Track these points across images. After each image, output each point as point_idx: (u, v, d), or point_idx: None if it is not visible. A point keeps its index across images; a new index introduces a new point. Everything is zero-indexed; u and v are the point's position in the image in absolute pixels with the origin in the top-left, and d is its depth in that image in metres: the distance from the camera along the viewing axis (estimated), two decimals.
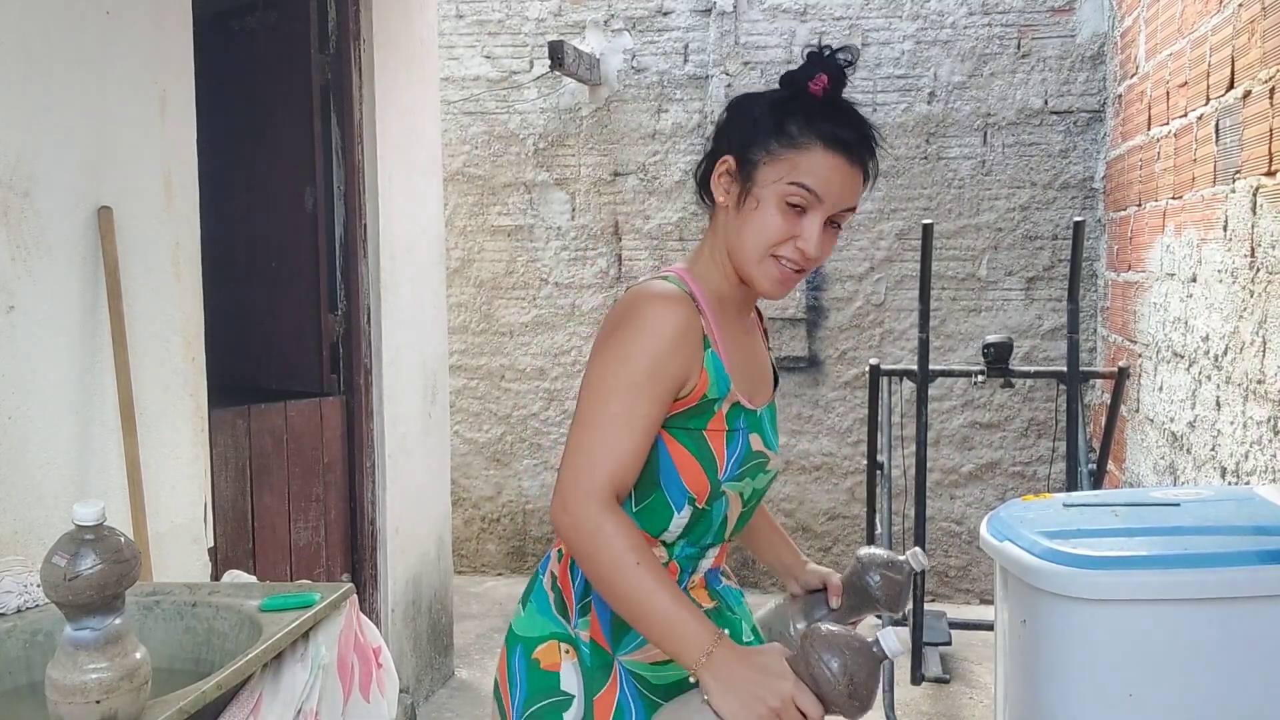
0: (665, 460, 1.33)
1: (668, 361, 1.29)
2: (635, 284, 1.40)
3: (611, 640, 1.34)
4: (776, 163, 1.32)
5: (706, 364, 1.33)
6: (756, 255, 1.35)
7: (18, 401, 2.02)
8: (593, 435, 1.28)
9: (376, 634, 1.87)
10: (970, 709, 3.68)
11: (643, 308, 1.31)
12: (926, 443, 3.68)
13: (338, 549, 3.39)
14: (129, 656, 1.29)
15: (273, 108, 3.41)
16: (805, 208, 1.32)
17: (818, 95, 1.33)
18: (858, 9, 4.79)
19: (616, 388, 1.29)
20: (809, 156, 1.31)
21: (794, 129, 1.32)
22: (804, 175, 1.31)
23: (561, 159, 5.13)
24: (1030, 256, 4.74)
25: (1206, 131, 2.94)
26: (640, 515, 1.34)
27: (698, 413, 1.33)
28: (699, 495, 1.34)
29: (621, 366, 1.29)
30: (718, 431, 1.34)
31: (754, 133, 1.35)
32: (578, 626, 1.36)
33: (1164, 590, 1.63)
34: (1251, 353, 2.53)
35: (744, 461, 1.37)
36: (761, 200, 1.34)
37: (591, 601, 1.35)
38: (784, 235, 1.33)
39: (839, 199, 1.33)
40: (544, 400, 5.23)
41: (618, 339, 1.31)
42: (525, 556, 5.30)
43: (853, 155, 1.33)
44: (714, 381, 1.33)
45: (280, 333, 3.45)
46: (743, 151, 1.35)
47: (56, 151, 2.12)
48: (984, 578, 4.83)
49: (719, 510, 1.38)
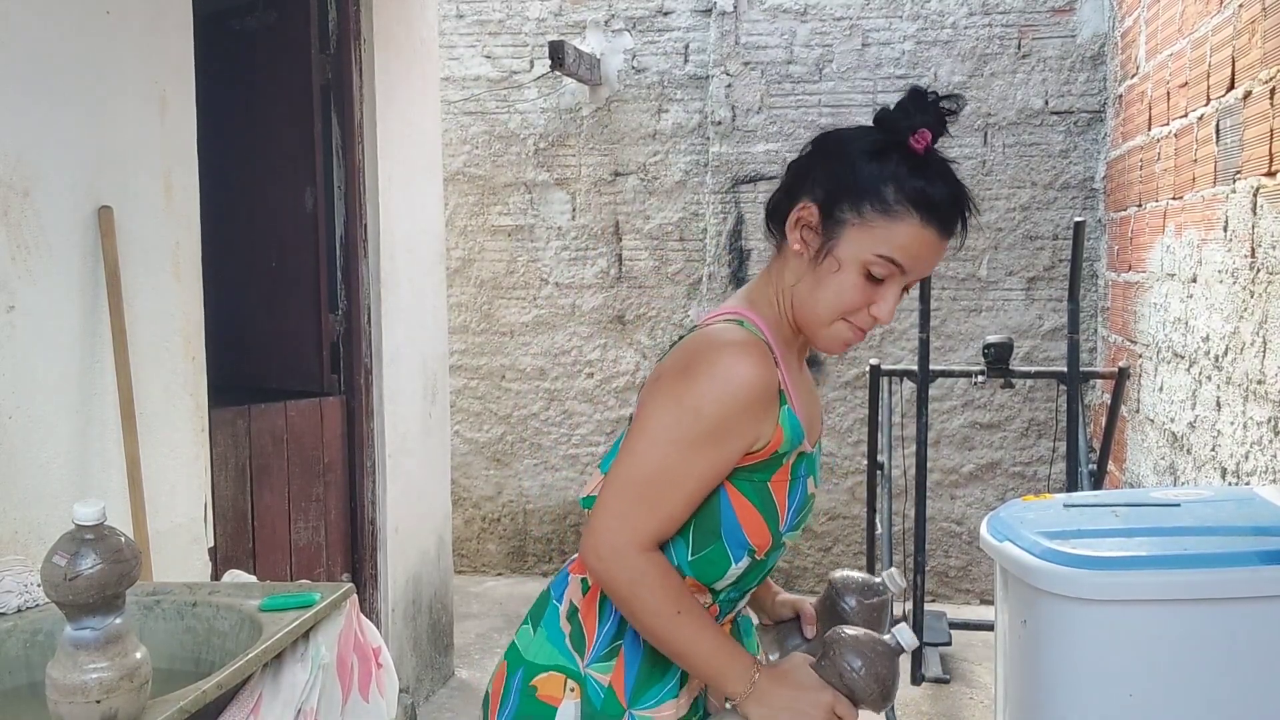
0: (727, 511, 1.27)
1: (739, 422, 1.22)
2: (707, 323, 1.31)
3: (631, 694, 1.28)
4: (866, 228, 1.23)
5: (782, 420, 1.26)
6: (828, 318, 1.28)
7: (18, 401, 2.02)
8: (643, 487, 1.22)
9: (376, 634, 1.87)
10: (970, 709, 3.68)
11: (721, 358, 1.22)
12: (927, 443, 3.68)
13: (338, 549, 3.39)
14: (129, 656, 1.29)
15: (273, 107, 3.41)
16: (888, 277, 1.25)
17: (919, 153, 1.24)
18: (858, 9, 4.79)
19: (678, 441, 1.21)
20: (902, 229, 1.23)
21: (889, 194, 1.22)
22: (894, 250, 1.23)
23: (562, 159, 5.13)
24: (1031, 257, 4.74)
25: (1207, 132, 2.94)
26: (696, 564, 1.28)
27: (766, 466, 1.27)
28: (760, 547, 1.29)
29: (689, 419, 1.21)
30: (781, 482, 1.29)
31: (844, 187, 1.25)
32: (593, 667, 1.29)
33: (1164, 591, 1.63)
34: (1252, 353, 2.53)
35: (801, 508, 1.32)
36: (843, 264, 1.25)
37: (622, 647, 1.29)
38: (862, 303, 1.26)
39: (923, 270, 1.28)
40: (544, 400, 5.22)
41: (688, 387, 1.22)
42: (525, 557, 5.30)
43: (947, 228, 1.25)
44: (788, 437, 1.27)
45: (280, 332, 3.45)
46: (829, 205, 1.25)
47: (57, 151, 2.12)
48: (984, 578, 4.83)
49: (773, 560, 1.35)
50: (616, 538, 1.21)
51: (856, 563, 4.89)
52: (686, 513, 1.25)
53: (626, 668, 1.29)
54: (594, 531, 1.23)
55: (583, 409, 5.18)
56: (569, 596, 1.35)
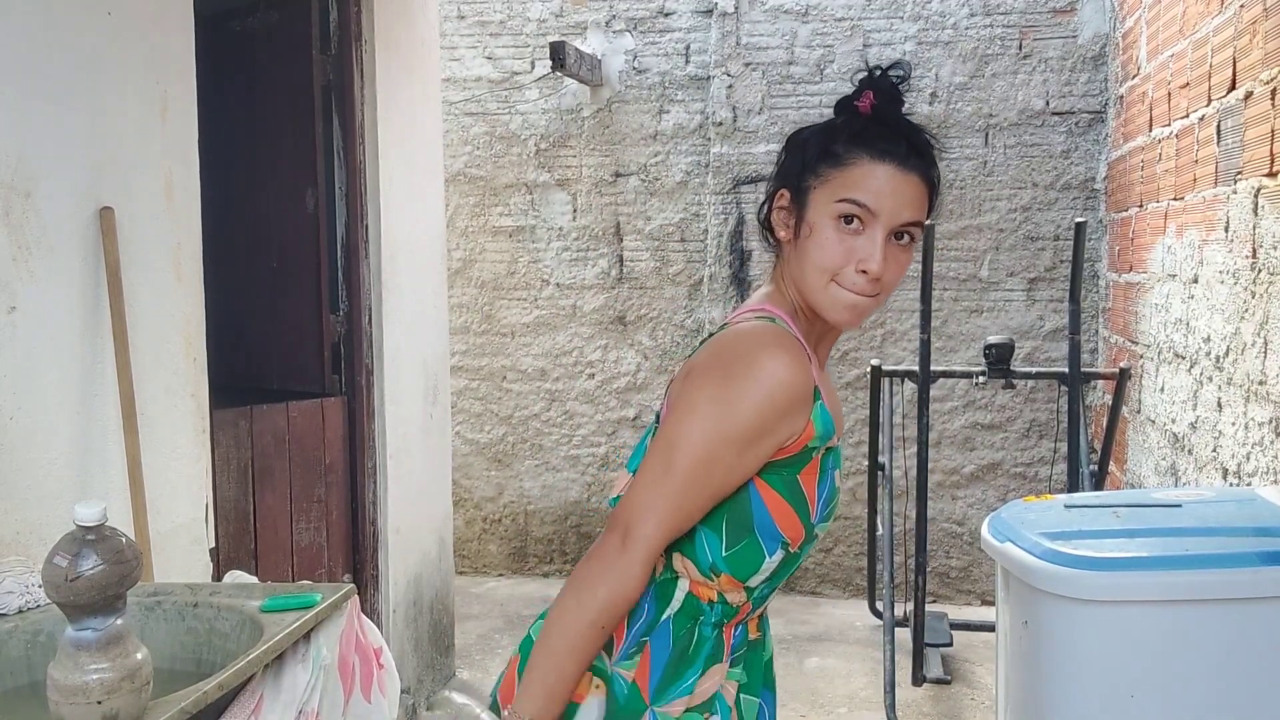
0: (759, 506, 1.28)
1: (776, 423, 1.24)
2: (738, 319, 1.34)
3: (655, 689, 1.30)
4: (826, 184, 1.28)
5: (814, 415, 1.27)
6: (821, 282, 1.29)
7: (19, 402, 2.02)
8: (671, 482, 1.24)
9: (378, 634, 1.87)
10: (971, 710, 3.68)
11: (761, 357, 1.24)
12: (928, 444, 3.68)
13: (339, 549, 3.39)
14: (130, 657, 1.29)
15: (274, 108, 3.41)
16: (862, 223, 1.27)
17: (865, 112, 1.29)
18: (859, 10, 4.79)
19: (711, 440, 1.23)
20: (856, 171, 1.26)
21: (839, 148, 1.28)
22: (852, 190, 1.26)
23: (563, 160, 5.13)
24: (1032, 257, 4.73)
25: (1208, 132, 2.94)
26: (730, 560, 1.29)
27: (796, 460, 1.28)
28: (793, 540, 1.29)
29: (728, 420, 1.23)
30: (811, 475, 1.29)
31: (803, 160, 1.31)
32: (620, 665, 1.31)
33: (1165, 591, 1.63)
34: (1253, 354, 2.53)
35: (830, 500, 1.33)
36: (816, 225, 1.28)
37: (648, 644, 1.30)
38: (844, 256, 1.27)
39: (896, 210, 1.26)
40: (545, 401, 5.23)
41: (727, 386, 1.24)
42: (527, 558, 5.30)
43: (904, 162, 1.27)
44: (820, 433, 1.28)
45: (282, 333, 3.46)
46: (796, 182, 1.31)
47: (58, 152, 2.13)
48: (985, 579, 4.83)
49: (805, 553, 1.34)
50: (644, 528, 1.24)
51: (858, 563, 4.90)
52: (705, 511, 1.26)
53: (653, 664, 1.30)
54: (625, 517, 1.25)
55: (584, 410, 5.19)
56: None
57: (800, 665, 4.10)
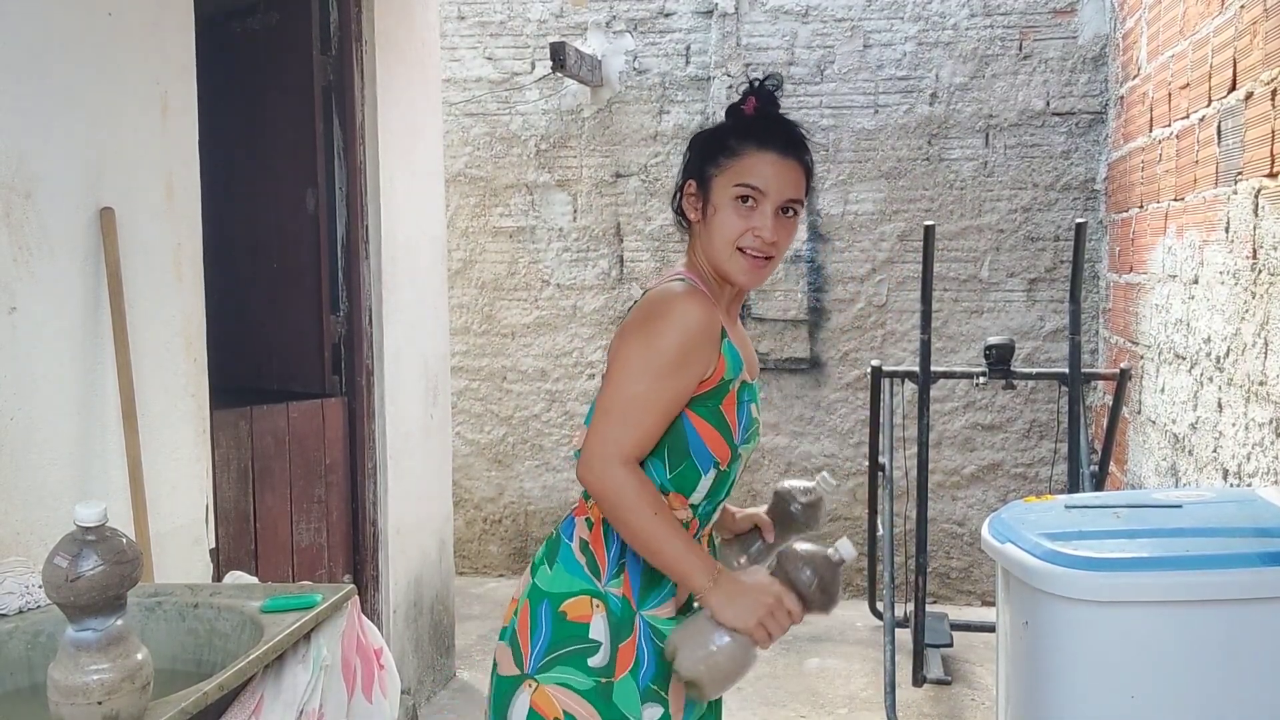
0: (692, 434, 1.57)
1: (694, 352, 1.52)
2: (658, 285, 1.63)
3: (638, 597, 1.57)
4: (724, 172, 1.59)
5: (724, 351, 1.57)
6: (726, 252, 1.59)
7: (19, 402, 2.02)
8: (622, 410, 1.51)
9: (378, 635, 1.87)
10: (972, 710, 3.68)
11: (675, 303, 1.54)
12: (928, 444, 3.68)
13: (339, 550, 3.39)
14: (131, 657, 1.29)
15: (274, 109, 3.41)
16: (755, 202, 1.58)
17: (750, 113, 1.62)
18: (859, 10, 4.79)
19: (645, 371, 1.51)
20: (747, 159, 1.58)
21: (732, 143, 1.60)
22: (745, 175, 1.58)
23: (563, 160, 5.14)
24: (1032, 258, 4.74)
25: (1208, 133, 2.94)
26: (674, 479, 1.58)
27: (716, 392, 1.57)
28: (722, 459, 1.59)
29: (653, 354, 1.51)
30: (730, 405, 1.58)
31: (705, 156, 1.62)
32: (609, 585, 1.57)
33: (1166, 592, 1.63)
34: (1253, 354, 2.53)
35: (748, 427, 1.61)
36: (719, 206, 1.60)
37: (626, 563, 1.57)
38: (742, 229, 1.58)
39: (781, 189, 1.58)
40: (545, 401, 5.23)
41: (651, 329, 1.53)
42: (527, 558, 5.29)
43: (784, 151, 1.59)
44: (730, 365, 1.57)
45: (282, 334, 3.46)
46: (700, 173, 1.63)
47: (58, 153, 2.13)
48: (986, 579, 4.83)
49: (734, 471, 1.63)
50: (604, 453, 1.50)
51: (858, 564, 4.89)
52: (659, 431, 1.53)
53: (631, 578, 1.58)
54: (586, 451, 1.52)
55: (584, 410, 5.17)
56: (578, 534, 1.61)
57: (800, 665, 4.10)
